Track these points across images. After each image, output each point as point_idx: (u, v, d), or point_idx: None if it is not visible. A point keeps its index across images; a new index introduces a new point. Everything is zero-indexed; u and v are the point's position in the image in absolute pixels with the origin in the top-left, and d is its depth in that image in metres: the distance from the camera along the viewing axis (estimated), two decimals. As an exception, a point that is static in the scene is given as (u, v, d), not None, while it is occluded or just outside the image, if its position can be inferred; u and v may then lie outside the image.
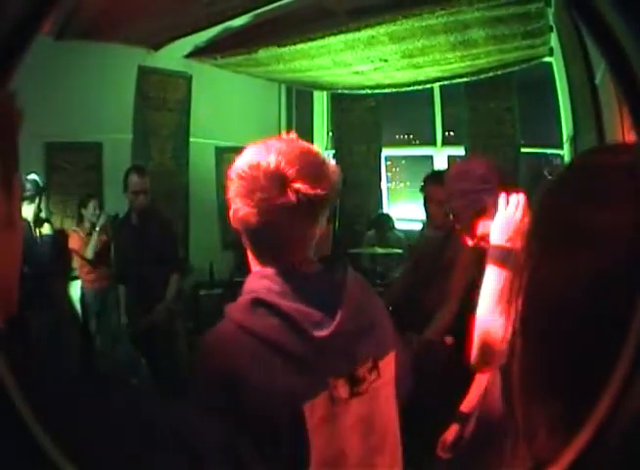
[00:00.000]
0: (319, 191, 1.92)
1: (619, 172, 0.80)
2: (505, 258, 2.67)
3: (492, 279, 2.66)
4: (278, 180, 1.89)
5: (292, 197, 1.88)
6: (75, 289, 7.65)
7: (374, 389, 2.03)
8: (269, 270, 1.98)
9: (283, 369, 1.84)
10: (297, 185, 1.88)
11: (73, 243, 7.58)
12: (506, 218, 2.80)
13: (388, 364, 2.11)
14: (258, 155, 1.96)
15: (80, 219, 7.73)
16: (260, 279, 1.98)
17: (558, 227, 0.84)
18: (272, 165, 1.90)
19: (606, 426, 0.61)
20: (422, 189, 5.69)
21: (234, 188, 2.01)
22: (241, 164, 2.00)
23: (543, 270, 0.84)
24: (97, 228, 7.48)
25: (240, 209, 1.98)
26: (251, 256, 2.10)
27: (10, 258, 0.87)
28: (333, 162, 2.09)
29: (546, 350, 0.81)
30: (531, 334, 0.84)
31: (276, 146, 1.96)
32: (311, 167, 1.94)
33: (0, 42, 0.57)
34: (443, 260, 4.80)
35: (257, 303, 1.90)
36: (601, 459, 0.62)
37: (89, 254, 7.49)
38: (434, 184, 5.62)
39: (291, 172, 1.89)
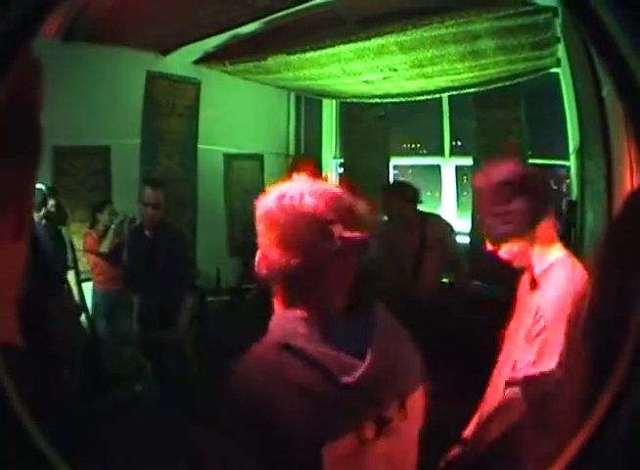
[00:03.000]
0: (360, 235, 1.89)
1: None
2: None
3: None
4: (319, 225, 1.87)
5: (336, 242, 1.87)
6: (86, 291, 7.67)
7: (399, 427, 1.98)
8: (297, 313, 1.94)
9: (308, 411, 1.82)
10: (340, 230, 1.86)
11: (87, 244, 7.63)
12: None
13: (415, 402, 2.06)
14: (292, 198, 1.92)
15: (94, 223, 7.74)
16: (288, 322, 1.94)
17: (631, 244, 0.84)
18: (311, 209, 1.88)
19: (604, 427, 0.61)
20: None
21: (269, 233, 1.98)
22: (274, 207, 1.96)
23: (612, 284, 0.84)
24: (113, 226, 7.51)
25: (274, 253, 1.95)
26: (277, 297, 2.05)
27: (15, 271, 0.86)
28: (363, 202, 2.03)
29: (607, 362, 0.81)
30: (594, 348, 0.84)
31: (309, 188, 1.93)
32: (349, 211, 1.92)
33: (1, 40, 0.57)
34: None
35: (284, 347, 1.86)
36: (600, 460, 0.62)
37: (105, 247, 7.52)
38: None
39: (332, 217, 1.87)
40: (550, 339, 2.71)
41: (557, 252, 2.95)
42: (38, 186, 6.49)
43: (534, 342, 2.80)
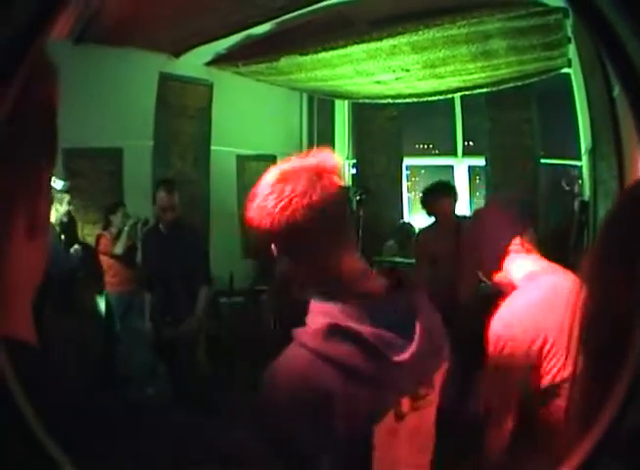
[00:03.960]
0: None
1: None
2: None
3: None
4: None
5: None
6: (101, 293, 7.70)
7: (427, 402, 2.01)
8: (342, 293, 1.93)
9: (358, 393, 1.81)
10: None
11: (101, 245, 7.66)
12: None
13: (440, 375, 2.08)
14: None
15: (107, 225, 7.77)
16: (332, 303, 1.91)
17: (621, 256, 0.84)
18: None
19: (612, 431, 0.61)
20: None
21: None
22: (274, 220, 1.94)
23: (606, 297, 0.84)
24: (126, 228, 7.54)
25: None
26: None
27: (32, 271, 0.86)
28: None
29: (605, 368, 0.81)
30: (591, 356, 0.84)
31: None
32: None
33: (5, 46, 0.57)
34: None
35: (334, 329, 1.84)
36: (607, 464, 0.62)
37: (119, 249, 7.55)
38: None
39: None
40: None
41: (535, 262, 2.94)
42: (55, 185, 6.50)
43: None
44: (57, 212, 6.50)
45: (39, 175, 0.80)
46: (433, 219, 6.43)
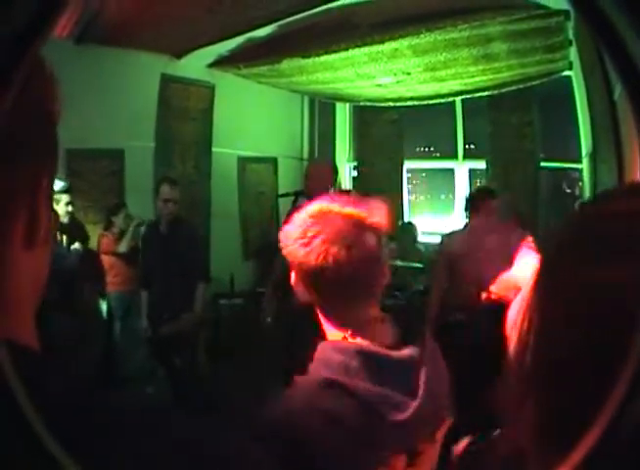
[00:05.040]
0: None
1: (619, 222, 0.79)
2: None
3: None
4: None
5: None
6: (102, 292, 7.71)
7: (427, 456, 1.96)
8: (347, 344, 1.90)
9: (349, 447, 1.78)
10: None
11: (103, 245, 7.66)
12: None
13: (442, 431, 2.04)
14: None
15: (109, 225, 7.78)
16: (336, 353, 1.88)
17: (563, 281, 0.83)
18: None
19: (610, 434, 0.61)
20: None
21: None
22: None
23: (547, 317, 0.83)
24: (131, 228, 7.56)
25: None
26: (324, 317, 2.02)
27: (34, 277, 0.85)
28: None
29: (555, 398, 0.81)
30: (541, 383, 0.84)
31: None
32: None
33: (5, 45, 0.57)
34: None
35: (332, 383, 1.81)
36: (607, 463, 0.62)
37: (123, 247, 7.57)
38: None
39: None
40: None
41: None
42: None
43: None
44: (58, 212, 6.49)
45: (38, 178, 0.79)
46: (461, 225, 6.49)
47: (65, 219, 6.73)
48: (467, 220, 6.37)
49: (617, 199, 0.88)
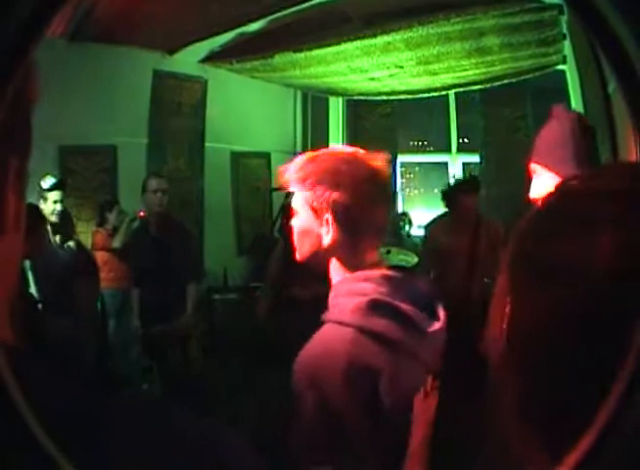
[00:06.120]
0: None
1: (602, 200, 0.79)
2: None
3: None
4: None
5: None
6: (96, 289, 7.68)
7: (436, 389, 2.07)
8: (370, 273, 1.99)
9: (400, 367, 1.87)
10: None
11: (97, 241, 7.64)
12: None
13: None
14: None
15: (102, 221, 7.75)
16: (364, 282, 1.97)
17: (539, 259, 0.83)
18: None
19: (612, 429, 0.61)
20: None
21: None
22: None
23: (524, 302, 0.84)
24: (124, 224, 7.54)
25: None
26: (337, 262, 2.08)
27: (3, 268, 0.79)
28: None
29: (532, 381, 0.81)
30: (518, 366, 0.83)
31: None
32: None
33: (5, 43, 0.57)
34: None
35: (376, 304, 1.89)
36: (607, 463, 0.62)
37: (117, 242, 7.54)
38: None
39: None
40: None
41: None
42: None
43: None
44: (46, 210, 6.42)
45: (4, 159, 0.77)
46: (441, 212, 6.48)
47: (53, 218, 6.58)
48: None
49: (600, 178, 0.90)
